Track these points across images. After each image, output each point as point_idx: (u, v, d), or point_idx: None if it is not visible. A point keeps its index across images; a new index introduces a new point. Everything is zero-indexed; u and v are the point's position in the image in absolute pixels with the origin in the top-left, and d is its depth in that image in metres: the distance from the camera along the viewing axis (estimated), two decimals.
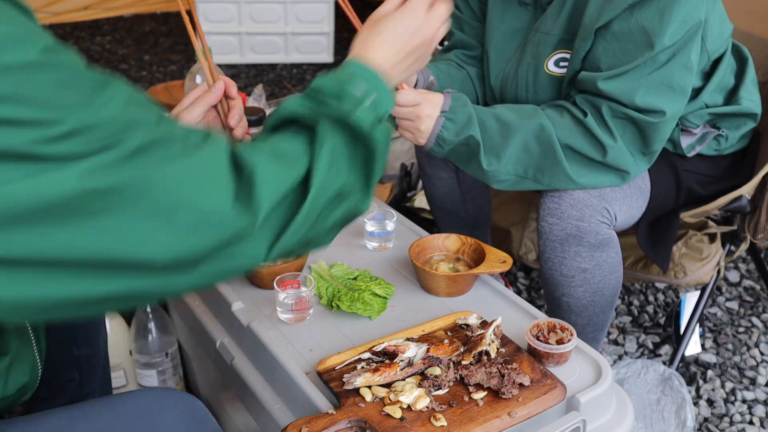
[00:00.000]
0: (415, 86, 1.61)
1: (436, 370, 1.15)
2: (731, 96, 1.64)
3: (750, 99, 1.63)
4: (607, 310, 1.65)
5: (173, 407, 0.97)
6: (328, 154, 0.86)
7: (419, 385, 1.13)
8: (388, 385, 1.13)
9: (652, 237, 1.68)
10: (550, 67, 1.55)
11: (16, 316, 0.81)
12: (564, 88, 1.55)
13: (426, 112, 1.45)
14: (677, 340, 1.90)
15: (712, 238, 1.87)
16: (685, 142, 1.62)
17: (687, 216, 1.71)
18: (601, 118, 1.45)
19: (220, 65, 2.04)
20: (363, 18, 1.23)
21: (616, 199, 1.53)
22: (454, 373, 1.15)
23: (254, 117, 1.95)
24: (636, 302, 2.24)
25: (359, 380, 1.12)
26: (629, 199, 1.56)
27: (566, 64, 1.53)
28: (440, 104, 1.46)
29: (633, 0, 1.38)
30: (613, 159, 1.46)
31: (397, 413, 1.07)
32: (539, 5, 1.58)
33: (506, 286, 1.95)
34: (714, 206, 1.68)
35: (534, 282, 2.33)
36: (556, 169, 1.47)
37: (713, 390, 1.90)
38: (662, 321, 2.15)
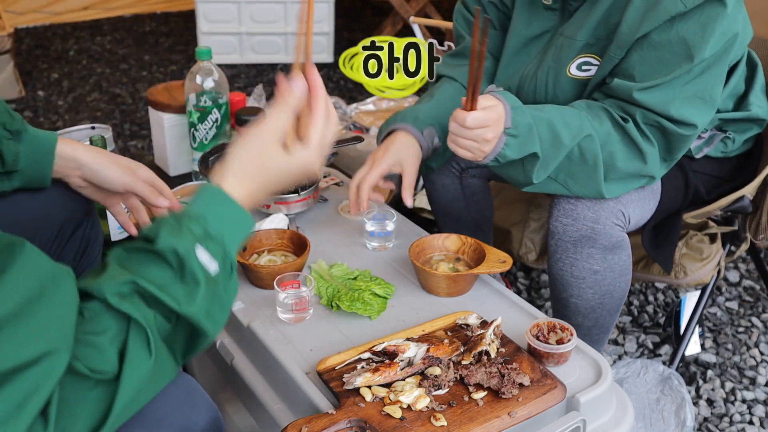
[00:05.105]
0: (422, 150, 1.57)
1: (436, 370, 1.15)
2: (741, 102, 1.63)
3: (759, 105, 1.62)
4: (614, 313, 1.64)
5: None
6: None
7: (419, 385, 1.13)
8: (388, 385, 1.13)
9: (656, 238, 1.67)
10: (572, 70, 1.52)
11: None
12: (587, 91, 1.52)
13: (490, 135, 1.35)
14: (677, 340, 1.90)
15: (712, 238, 1.87)
16: (694, 144, 1.62)
17: (689, 216, 1.71)
18: (637, 126, 1.43)
19: (220, 65, 2.04)
20: (363, 18, 1.22)
21: (631, 202, 1.52)
22: (454, 373, 1.15)
23: (254, 117, 1.95)
24: (636, 302, 2.24)
25: (359, 380, 1.12)
26: (642, 202, 1.55)
27: (589, 68, 1.50)
28: (503, 121, 1.36)
29: (675, 11, 1.35)
30: (651, 166, 1.45)
31: (397, 413, 1.07)
32: (566, 10, 1.55)
33: (506, 286, 1.94)
34: (717, 206, 1.67)
35: (534, 282, 2.33)
36: (590, 182, 1.44)
37: (713, 390, 1.90)
38: (662, 321, 2.15)
